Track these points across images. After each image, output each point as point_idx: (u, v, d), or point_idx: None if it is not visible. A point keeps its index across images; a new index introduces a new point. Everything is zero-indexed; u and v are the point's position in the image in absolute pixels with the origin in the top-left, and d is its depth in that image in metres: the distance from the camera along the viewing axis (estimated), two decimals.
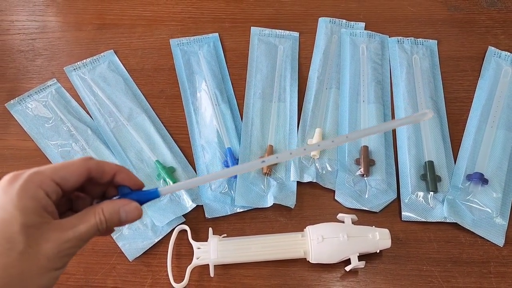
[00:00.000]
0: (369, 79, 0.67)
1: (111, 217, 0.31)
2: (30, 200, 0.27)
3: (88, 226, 0.30)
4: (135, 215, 0.33)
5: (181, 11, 0.77)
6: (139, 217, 0.33)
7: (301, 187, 0.58)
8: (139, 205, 0.33)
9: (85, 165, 0.31)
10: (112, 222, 0.31)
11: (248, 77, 0.68)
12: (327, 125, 0.63)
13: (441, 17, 0.75)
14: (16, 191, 0.27)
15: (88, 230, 0.30)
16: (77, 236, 0.29)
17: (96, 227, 0.30)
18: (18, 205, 0.26)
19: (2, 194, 0.27)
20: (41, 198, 0.28)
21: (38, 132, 0.63)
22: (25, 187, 0.27)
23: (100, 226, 0.31)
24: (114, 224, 0.32)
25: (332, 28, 0.73)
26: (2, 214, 0.26)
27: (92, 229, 0.30)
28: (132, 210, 0.32)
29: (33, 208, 0.27)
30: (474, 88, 0.67)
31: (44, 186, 0.28)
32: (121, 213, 0.32)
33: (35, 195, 0.27)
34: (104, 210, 0.31)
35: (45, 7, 0.77)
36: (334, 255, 0.50)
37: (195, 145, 0.62)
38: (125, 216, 0.32)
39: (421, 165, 0.59)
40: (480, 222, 0.55)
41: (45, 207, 0.28)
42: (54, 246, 0.27)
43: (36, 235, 0.27)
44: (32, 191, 0.27)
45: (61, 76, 0.69)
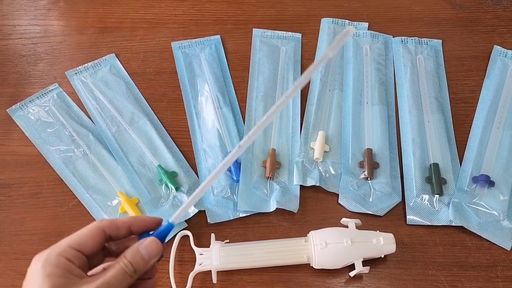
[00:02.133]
0: (373, 80, 0.66)
1: (133, 257, 0.34)
2: (54, 267, 0.31)
3: (114, 271, 0.33)
4: (154, 247, 0.35)
5: (182, 13, 0.76)
6: (159, 249, 0.36)
7: (304, 191, 0.58)
8: (155, 238, 0.36)
9: (98, 226, 0.34)
10: (136, 262, 0.34)
11: (250, 80, 0.68)
12: (330, 127, 0.63)
13: (446, 16, 0.74)
14: (41, 264, 0.31)
15: (115, 275, 0.33)
16: (105, 282, 0.32)
17: (123, 271, 0.33)
18: (44, 273, 0.30)
19: (31, 272, 0.31)
20: (63, 263, 0.31)
21: (40, 137, 0.62)
22: (48, 259, 0.31)
23: (127, 269, 0.33)
24: (140, 264, 0.34)
25: (335, 29, 0.72)
26: (35, 285, 0.30)
27: (118, 273, 0.33)
28: (149, 244, 0.35)
29: (58, 273, 0.31)
30: (479, 88, 0.66)
31: (64, 254, 0.32)
32: (141, 250, 0.35)
33: (57, 262, 0.31)
34: (126, 254, 0.34)
35: (46, 11, 0.77)
36: (338, 261, 0.50)
37: (197, 149, 0.62)
38: (146, 252, 0.35)
39: (426, 168, 0.58)
40: (487, 225, 0.54)
41: (69, 271, 0.31)
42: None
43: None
44: (54, 260, 0.31)
45: (63, 81, 0.68)
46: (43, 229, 0.56)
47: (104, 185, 0.58)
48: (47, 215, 0.57)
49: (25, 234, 0.56)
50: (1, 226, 0.57)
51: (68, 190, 0.59)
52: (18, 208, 0.58)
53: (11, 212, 0.58)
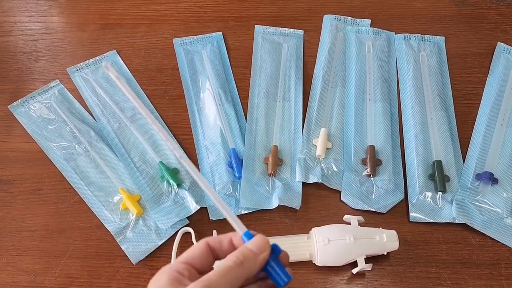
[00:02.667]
0: (375, 77, 0.66)
1: (240, 250, 0.32)
2: (162, 279, 0.31)
3: (221, 268, 0.31)
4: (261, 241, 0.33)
5: (184, 10, 0.76)
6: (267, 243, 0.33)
7: (307, 188, 0.58)
8: (260, 234, 0.34)
9: (203, 243, 0.34)
10: (244, 255, 0.32)
11: (252, 76, 0.67)
12: (333, 124, 0.62)
13: (449, 13, 0.74)
14: (153, 279, 0.31)
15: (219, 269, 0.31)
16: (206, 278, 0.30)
17: (227, 265, 0.31)
18: (154, 285, 0.31)
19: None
20: (171, 274, 0.31)
21: (41, 134, 0.62)
22: (158, 276, 0.31)
23: (232, 262, 0.31)
24: (248, 256, 0.32)
25: (337, 26, 0.72)
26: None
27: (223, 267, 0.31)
28: (254, 239, 0.33)
29: (164, 283, 0.30)
30: (483, 85, 0.66)
31: (174, 268, 0.32)
32: (248, 245, 0.33)
33: (165, 274, 0.31)
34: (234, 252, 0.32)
35: (47, 7, 0.77)
36: (341, 258, 0.49)
37: (199, 146, 0.62)
38: (253, 245, 0.33)
39: (429, 165, 0.58)
40: (490, 222, 0.53)
41: (177, 280, 0.31)
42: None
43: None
44: (163, 273, 0.31)
45: (64, 77, 0.68)
46: (44, 226, 0.56)
47: (105, 181, 0.58)
48: (49, 212, 0.57)
49: (26, 231, 0.56)
50: (2, 222, 0.56)
51: (70, 186, 0.58)
52: (19, 204, 0.58)
53: (12, 208, 0.57)
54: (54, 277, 0.53)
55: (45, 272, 0.53)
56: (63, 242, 0.55)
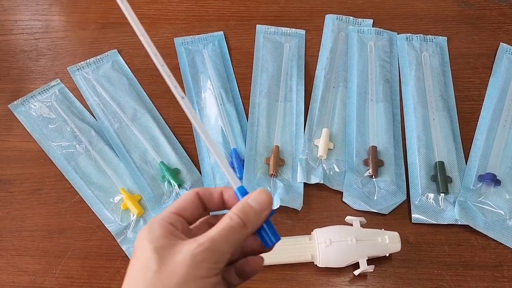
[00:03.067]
0: (377, 77, 0.65)
1: (242, 209, 0.30)
2: (156, 231, 0.30)
3: (219, 226, 0.29)
4: (264, 197, 0.30)
5: (185, 9, 0.76)
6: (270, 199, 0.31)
7: (308, 189, 0.57)
8: (263, 188, 0.31)
9: (193, 192, 0.33)
10: (246, 213, 0.30)
11: (253, 76, 0.67)
12: (334, 124, 0.62)
13: (451, 13, 0.73)
14: (145, 231, 0.30)
15: (221, 229, 0.29)
16: (209, 238, 0.28)
17: (229, 225, 0.29)
18: (147, 237, 0.29)
19: (137, 241, 0.30)
20: (165, 227, 0.30)
21: (42, 133, 0.62)
22: (150, 226, 0.30)
23: (233, 222, 0.29)
24: (250, 215, 0.30)
25: (339, 25, 0.72)
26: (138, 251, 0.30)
27: (224, 227, 0.29)
28: (257, 194, 0.30)
29: (159, 235, 0.29)
30: (485, 86, 0.65)
31: (165, 219, 0.31)
32: (250, 202, 0.30)
33: (159, 226, 0.30)
34: (233, 208, 0.30)
35: (48, 6, 0.76)
36: (343, 259, 0.49)
37: (200, 146, 0.61)
38: (255, 203, 0.30)
39: (431, 166, 0.58)
40: (493, 224, 0.53)
41: (171, 233, 0.30)
42: (186, 254, 0.28)
43: (167, 253, 0.28)
44: (156, 224, 0.30)
45: (65, 76, 0.68)
46: (45, 226, 0.56)
47: (106, 181, 0.58)
48: (49, 212, 0.57)
49: (26, 231, 0.56)
50: (2, 222, 0.56)
51: (70, 186, 0.58)
52: (19, 204, 0.57)
53: (12, 208, 0.57)
54: (54, 277, 0.52)
55: (45, 272, 0.53)
56: (64, 242, 0.55)
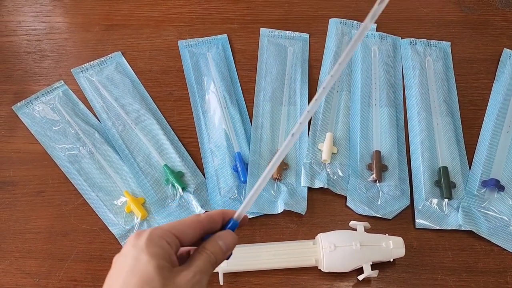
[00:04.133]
0: (381, 82, 0.65)
1: (214, 249, 0.34)
2: (157, 248, 0.31)
3: (203, 260, 0.33)
4: (231, 239, 0.35)
5: (189, 11, 0.76)
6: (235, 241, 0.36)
7: (312, 193, 0.57)
8: (230, 230, 0.36)
9: (197, 219, 0.34)
10: (216, 253, 0.34)
11: (257, 80, 0.67)
12: (338, 129, 0.62)
13: (455, 18, 0.73)
14: (144, 242, 0.31)
15: (205, 264, 0.33)
16: (200, 270, 0.32)
17: (209, 261, 0.33)
18: (148, 252, 0.30)
19: (132, 248, 0.31)
20: (165, 246, 0.31)
21: (45, 135, 0.62)
22: (151, 238, 0.31)
23: (212, 259, 0.33)
24: (219, 255, 0.34)
25: (343, 29, 0.72)
26: (136, 262, 0.30)
27: (206, 262, 0.33)
28: (225, 236, 0.35)
29: (161, 254, 0.30)
30: (489, 92, 0.66)
31: (165, 237, 0.31)
32: (218, 241, 0.34)
33: (160, 243, 0.31)
34: (206, 246, 0.34)
35: (52, 7, 0.77)
36: (347, 264, 0.49)
37: (204, 149, 0.61)
38: (223, 244, 0.35)
39: (435, 171, 0.58)
40: (496, 230, 0.53)
41: (170, 255, 0.31)
42: (187, 282, 0.31)
43: (169, 275, 0.30)
44: (157, 240, 0.31)
45: (68, 78, 0.68)
46: (48, 228, 0.56)
47: (110, 184, 0.58)
48: (52, 214, 0.57)
49: (30, 233, 0.55)
50: (6, 224, 0.56)
51: (74, 188, 0.58)
52: (23, 206, 0.57)
53: (16, 210, 0.57)
54: (57, 280, 0.52)
55: (49, 275, 0.52)
56: (67, 244, 0.54)
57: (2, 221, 0.56)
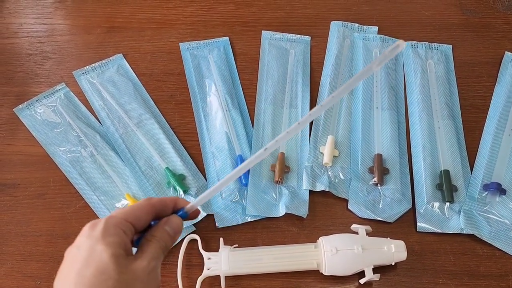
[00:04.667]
0: (383, 85, 0.65)
1: (162, 234, 0.35)
2: (113, 237, 0.31)
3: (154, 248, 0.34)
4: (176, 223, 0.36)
5: (190, 14, 0.76)
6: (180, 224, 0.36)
7: (314, 196, 0.57)
8: (176, 215, 0.37)
9: (149, 203, 0.35)
10: (165, 238, 0.35)
11: (259, 82, 0.67)
12: (340, 132, 0.62)
13: (456, 21, 0.73)
14: (99, 232, 0.30)
15: (157, 251, 0.34)
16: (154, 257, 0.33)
17: (159, 246, 0.34)
18: (104, 241, 0.30)
19: (87, 239, 0.31)
20: (121, 234, 0.31)
21: (47, 137, 0.62)
22: (106, 227, 0.31)
23: (162, 245, 0.34)
24: (168, 240, 0.35)
25: (345, 32, 0.72)
26: (91, 253, 0.30)
27: (158, 249, 0.34)
28: (172, 221, 0.36)
29: (117, 243, 0.30)
30: (490, 95, 0.66)
31: (121, 226, 0.32)
32: (165, 227, 0.35)
33: (115, 232, 0.31)
34: (154, 232, 0.35)
35: (53, 10, 0.77)
36: (348, 268, 0.49)
37: (206, 152, 0.61)
38: (170, 228, 0.35)
39: (437, 174, 0.58)
40: (498, 234, 0.53)
41: (125, 244, 0.31)
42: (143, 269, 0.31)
43: (124, 263, 0.30)
44: (112, 229, 0.31)
45: (70, 80, 0.68)
46: (49, 231, 0.56)
47: (111, 186, 0.58)
48: (54, 216, 0.57)
49: (31, 235, 0.55)
50: (7, 226, 0.56)
51: (75, 191, 0.58)
52: (24, 208, 0.57)
53: (17, 212, 0.57)
54: None
55: (50, 278, 0.52)
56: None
57: (4, 223, 0.56)
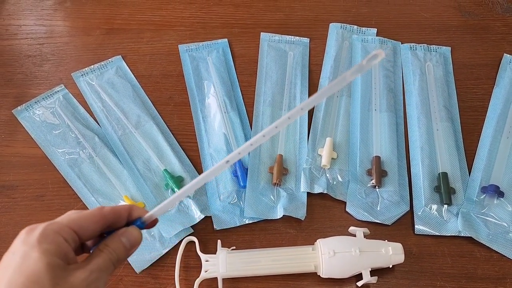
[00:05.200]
0: (381, 87, 0.66)
1: (116, 246, 0.32)
2: (51, 244, 0.28)
3: (103, 258, 0.31)
4: (136, 236, 0.34)
5: (189, 16, 0.76)
6: (140, 238, 0.34)
7: (312, 198, 0.57)
8: (135, 226, 0.34)
9: (100, 212, 0.32)
10: (119, 251, 0.33)
11: (257, 84, 0.67)
12: (338, 134, 0.62)
13: (455, 23, 0.74)
14: (36, 238, 0.28)
15: (104, 262, 0.31)
16: (98, 269, 0.30)
17: (109, 258, 0.32)
18: (40, 248, 0.28)
19: (22, 244, 0.28)
20: (60, 242, 0.29)
21: (45, 139, 0.62)
22: (44, 234, 0.28)
23: (112, 256, 0.32)
24: (122, 253, 0.33)
25: (343, 34, 0.72)
26: (25, 260, 0.27)
27: (106, 260, 0.31)
28: (130, 233, 0.34)
29: (54, 251, 0.28)
30: (489, 97, 0.66)
31: (62, 233, 0.29)
32: (122, 238, 0.33)
33: (54, 239, 0.28)
34: (108, 242, 0.33)
35: (53, 11, 0.77)
36: (346, 270, 0.49)
37: (204, 154, 0.61)
38: (127, 240, 0.33)
39: (435, 177, 0.58)
40: (496, 236, 0.53)
41: (66, 252, 0.29)
42: (81, 281, 0.29)
43: (61, 274, 0.28)
44: (51, 236, 0.28)
45: (69, 82, 0.68)
46: None
47: (109, 188, 0.58)
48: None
49: None
50: (5, 228, 0.56)
51: (73, 193, 0.58)
52: (22, 210, 0.57)
53: (15, 214, 0.57)
54: None
55: None
56: None
57: (2, 225, 0.56)
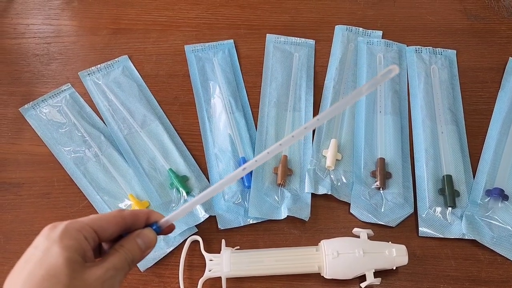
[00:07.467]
0: (386, 89, 0.66)
1: (131, 247, 0.34)
2: (72, 241, 0.29)
3: (118, 258, 0.32)
4: (150, 237, 0.35)
5: (196, 16, 0.76)
6: (153, 238, 0.35)
7: (316, 199, 0.57)
8: (151, 229, 0.36)
9: (120, 215, 0.34)
10: (134, 251, 0.34)
11: (263, 85, 0.67)
12: (343, 135, 0.62)
13: (461, 27, 0.74)
14: (58, 234, 0.29)
15: (120, 261, 0.32)
16: (113, 267, 0.31)
17: (125, 258, 0.33)
18: (61, 244, 0.29)
19: (45, 239, 0.30)
20: (81, 240, 0.30)
21: (52, 137, 0.62)
22: (66, 230, 0.30)
23: (128, 256, 0.33)
24: (137, 253, 0.34)
25: (349, 36, 0.72)
26: (46, 254, 0.29)
27: (122, 260, 0.33)
28: (145, 235, 0.35)
29: (74, 247, 0.29)
30: (494, 100, 0.66)
31: (83, 231, 0.31)
32: (137, 240, 0.34)
33: (75, 236, 0.30)
34: (124, 243, 0.34)
35: (60, 11, 0.77)
36: (350, 271, 0.49)
37: (209, 154, 0.62)
38: (142, 242, 0.34)
39: (439, 179, 0.58)
40: (500, 239, 0.53)
41: (85, 250, 0.30)
42: (97, 278, 0.30)
43: (79, 269, 0.29)
44: (73, 233, 0.30)
45: (76, 81, 0.68)
46: None
47: (114, 187, 0.58)
48: (57, 216, 0.57)
49: (34, 234, 0.54)
50: (11, 225, 0.57)
51: (79, 191, 0.58)
52: (28, 207, 0.58)
53: (21, 211, 0.58)
54: None
55: None
56: None
57: (8, 222, 0.57)
